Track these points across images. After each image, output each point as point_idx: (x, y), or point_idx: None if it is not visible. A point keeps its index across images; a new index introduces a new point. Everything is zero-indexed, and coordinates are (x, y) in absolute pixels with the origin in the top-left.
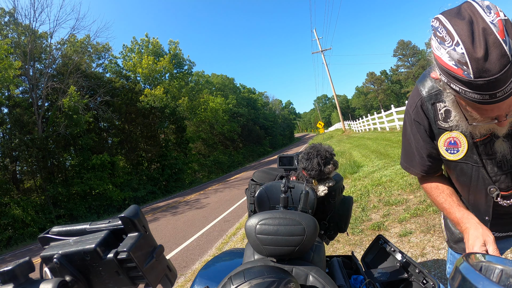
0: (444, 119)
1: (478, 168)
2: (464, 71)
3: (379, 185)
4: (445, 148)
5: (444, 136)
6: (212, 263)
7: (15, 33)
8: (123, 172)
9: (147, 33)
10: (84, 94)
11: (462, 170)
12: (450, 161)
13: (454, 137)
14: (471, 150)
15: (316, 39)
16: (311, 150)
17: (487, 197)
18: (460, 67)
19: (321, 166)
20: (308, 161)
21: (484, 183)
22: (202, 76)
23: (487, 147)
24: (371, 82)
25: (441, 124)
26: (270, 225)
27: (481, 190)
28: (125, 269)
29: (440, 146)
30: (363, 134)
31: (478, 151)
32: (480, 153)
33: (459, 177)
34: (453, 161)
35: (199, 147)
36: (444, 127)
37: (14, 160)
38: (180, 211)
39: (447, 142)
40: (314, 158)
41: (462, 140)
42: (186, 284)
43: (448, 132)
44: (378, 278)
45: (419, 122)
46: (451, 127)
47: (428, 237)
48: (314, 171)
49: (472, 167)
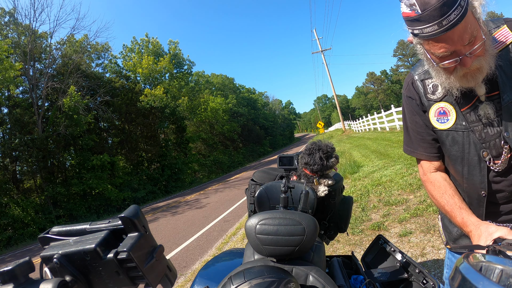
0: (432, 92)
1: (468, 133)
2: (414, 10)
3: (379, 185)
4: (436, 118)
5: (434, 107)
6: (212, 263)
7: (15, 33)
8: (123, 172)
9: (147, 33)
10: (84, 94)
11: (454, 139)
12: (442, 130)
13: (443, 107)
14: (460, 118)
15: (316, 39)
16: (312, 146)
17: (481, 164)
18: (412, 9)
19: (323, 160)
20: (310, 156)
21: (475, 148)
22: (202, 76)
23: (473, 114)
24: (371, 82)
25: (430, 96)
26: (270, 225)
27: (473, 158)
28: (125, 269)
29: (431, 117)
30: (363, 134)
31: (466, 118)
32: (468, 121)
33: (452, 147)
34: (444, 130)
35: (199, 147)
36: (433, 99)
37: (14, 160)
38: (180, 211)
39: (437, 112)
40: (316, 152)
41: (450, 109)
42: (186, 284)
43: (437, 103)
44: (378, 278)
45: (411, 97)
46: (439, 98)
47: (428, 237)
48: (316, 165)
49: (463, 134)
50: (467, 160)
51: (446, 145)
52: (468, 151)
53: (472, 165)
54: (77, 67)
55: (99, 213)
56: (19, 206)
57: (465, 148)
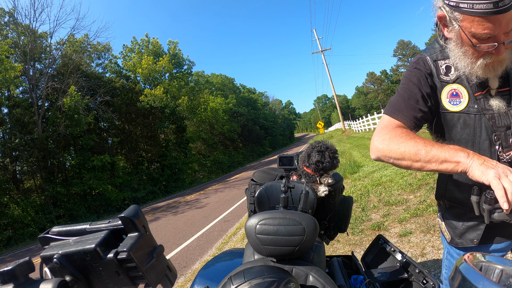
0: (445, 73)
1: (480, 117)
2: None
3: (379, 185)
4: (448, 100)
5: (446, 88)
6: (212, 263)
7: (15, 33)
8: (123, 172)
9: (147, 33)
10: (84, 94)
11: (465, 122)
12: (454, 113)
13: (456, 89)
14: (472, 100)
15: (316, 39)
16: (320, 145)
17: (491, 148)
18: None
19: (332, 159)
20: (320, 154)
21: (487, 132)
22: (202, 76)
23: (484, 102)
24: (371, 82)
25: (443, 77)
26: (270, 225)
27: (485, 141)
28: (125, 269)
29: (443, 99)
30: (363, 134)
31: (478, 103)
32: (480, 105)
33: (463, 130)
34: (457, 112)
35: (199, 147)
36: (446, 80)
37: (14, 160)
38: (180, 211)
39: (449, 94)
40: (325, 151)
41: (463, 91)
42: (186, 284)
43: (449, 84)
44: (378, 278)
45: (420, 69)
46: (452, 80)
47: (428, 237)
48: (328, 163)
49: (475, 117)
50: (478, 144)
51: (457, 128)
52: (480, 134)
53: (483, 149)
54: (77, 67)
55: (99, 213)
56: (19, 206)
57: (477, 131)
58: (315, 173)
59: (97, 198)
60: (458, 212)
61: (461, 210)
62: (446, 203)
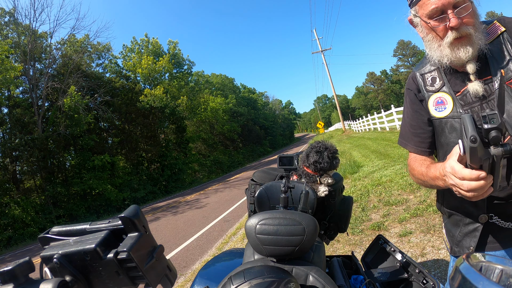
0: (431, 84)
1: None
2: None
3: (379, 185)
4: (434, 107)
5: (432, 97)
6: (212, 263)
7: (15, 33)
8: (123, 172)
9: (147, 33)
10: (84, 94)
11: (452, 126)
12: (441, 119)
13: (440, 96)
14: (457, 105)
15: (316, 39)
16: (319, 145)
17: None
18: None
19: (331, 159)
20: (319, 154)
21: None
22: (201, 76)
23: (467, 97)
24: (371, 82)
25: (429, 88)
26: (270, 225)
27: None
28: (125, 269)
29: (430, 107)
30: (363, 134)
31: (463, 100)
32: (465, 103)
33: (451, 134)
34: (443, 118)
35: (199, 147)
36: (432, 90)
37: (14, 160)
38: (180, 211)
39: (435, 102)
40: (324, 151)
41: (447, 98)
42: (186, 284)
43: (435, 93)
44: (378, 278)
45: (410, 88)
46: (437, 89)
47: (428, 237)
48: (326, 163)
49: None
50: None
51: (445, 132)
52: None
53: None
54: (77, 67)
55: (99, 213)
56: (19, 206)
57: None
58: (315, 173)
59: (97, 198)
60: (456, 219)
61: (457, 216)
62: (445, 212)
